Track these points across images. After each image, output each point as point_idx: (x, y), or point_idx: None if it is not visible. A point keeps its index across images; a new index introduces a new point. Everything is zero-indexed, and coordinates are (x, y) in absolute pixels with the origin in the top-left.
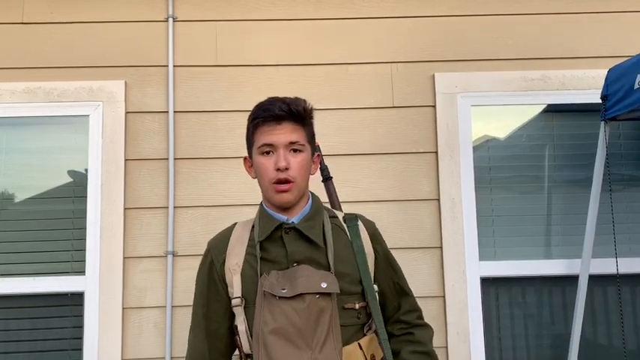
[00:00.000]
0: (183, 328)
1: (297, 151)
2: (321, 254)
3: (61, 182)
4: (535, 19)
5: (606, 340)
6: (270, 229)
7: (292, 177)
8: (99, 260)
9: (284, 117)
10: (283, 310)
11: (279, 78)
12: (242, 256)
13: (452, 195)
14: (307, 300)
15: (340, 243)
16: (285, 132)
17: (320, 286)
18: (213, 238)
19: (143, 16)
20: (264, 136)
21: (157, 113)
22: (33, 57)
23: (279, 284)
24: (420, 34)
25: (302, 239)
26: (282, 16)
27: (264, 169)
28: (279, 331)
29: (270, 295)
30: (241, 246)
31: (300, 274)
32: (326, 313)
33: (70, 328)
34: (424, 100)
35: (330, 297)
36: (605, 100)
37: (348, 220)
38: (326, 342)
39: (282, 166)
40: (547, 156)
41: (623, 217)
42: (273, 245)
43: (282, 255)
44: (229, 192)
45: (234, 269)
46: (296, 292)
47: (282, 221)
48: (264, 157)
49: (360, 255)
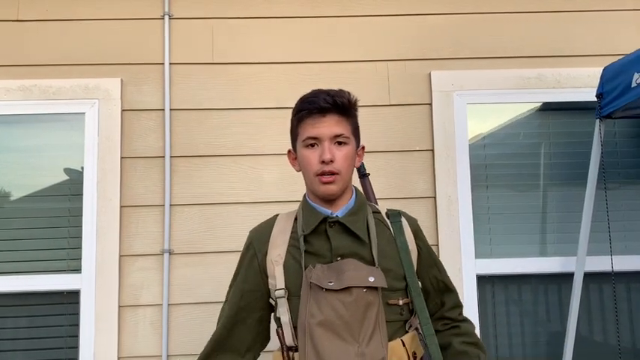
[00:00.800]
0: (180, 326)
1: (341, 143)
2: (365, 249)
3: (57, 180)
4: (531, 18)
5: (601, 337)
6: (314, 222)
7: (337, 169)
8: (95, 258)
9: (328, 109)
10: (330, 303)
11: (276, 76)
12: (284, 248)
13: (448, 193)
14: (355, 293)
15: (384, 239)
16: (329, 124)
17: (367, 279)
18: (254, 228)
19: (139, 13)
20: (308, 129)
21: (153, 111)
22: (28, 55)
23: (325, 277)
24: (416, 32)
25: (346, 233)
26: (279, 13)
27: (309, 162)
28: (326, 324)
29: (317, 287)
30: (284, 238)
31: (348, 268)
32: (373, 308)
33: (65, 326)
34: (420, 99)
35: (377, 291)
36: (601, 98)
37: (392, 216)
38: (373, 336)
39: (327, 158)
40: (543, 154)
41: (618, 215)
42: (316, 238)
43: (326, 248)
44: (225, 190)
45: (276, 261)
46: (344, 285)
47: (327, 215)
48: (309, 149)
49: (403, 251)
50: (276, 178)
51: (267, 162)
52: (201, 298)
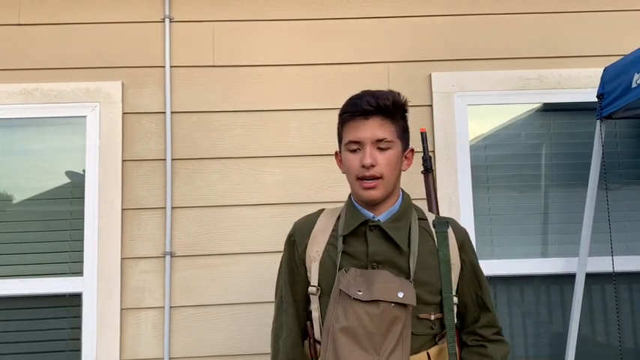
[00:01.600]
0: (182, 328)
1: (384, 148)
2: (402, 258)
3: (59, 183)
4: (531, 19)
5: (603, 338)
6: (354, 224)
7: (379, 173)
8: (97, 261)
9: (371, 112)
10: (356, 312)
11: (276, 78)
12: (323, 245)
13: (449, 194)
14: (382, 307)
15: (425, 249)
16: (372, 128)
17: (397, 295)
18: (298, 221)
19: (140, 16)
20: (351, 132)
21: (154, 114)
22: (30, 58)
23: (355, 284)
24: (416, 33)
25: (385, 239)
26: (279, 16)
27: (351, 165)
28: (350, 331)
29: (345, 294)
30: (324, 234)
31: (379, 279)
32: (399, 323)
33: (68, 329)
34: (421, 100)
35: (407, 307)
36: (601, 98)
37: (438, 225)
38: (395, 350)
39: (368, 163)
40: (544, 155)
41: (619, 216)
42: (355, 240)
43: (362, 252)
44: (227, 192)
45: (314, 256)
46: (372, 298)
47: (368, 218)
48: (351, 153)
49: (444, 264)
50: (277, 180)
51: (268, 164)
52: (202, 301)
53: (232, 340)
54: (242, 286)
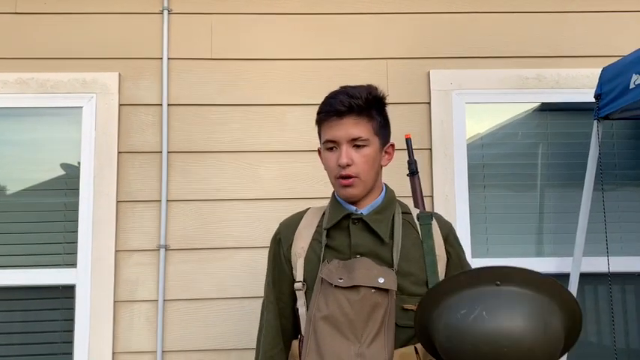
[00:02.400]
0: (175, 321)
1: (360, 146)
2: (385, 249)
3: (53, 174)
4: (531, 18)
5: (597, 339)
6: (337, 217)
7: (355, 173)
8: (90, 253)
9: (345, 112)
10: (337, 299)
11: (274, 72)
12: (308, 241)
13: (445, 192)
14: (362, 292)
15: (409, 241)
16: (346, 127)
17: (377, 280)
18: (284, 220)
19: (138, 8)
20: (327, 132)
21: (151, 106)
22: (26, 48)
23: (337, 273)
24: (415, 30)
25: (368, 232)
26: (278, 10)
27: (329, 165)
28: (330, 319)
29: (327, 283)
30: (309, 231)
31: (360, 266)
32: (380, 309)
33: (61, 320)
34: (419, 97)
35: (388, 294)
36: (599, 98)
37: (422, 218)
38: (376, 338)
39: (344, 162)
40: (540, 154)
41: (614, 216)
42: (339, 234)
43: (345, 245)
44: (223, 186)
45: (299, 253)
46: (352, 283)
47: (351, 211)
48: (329, 152)
49: (429, 256)
50: (274, 174)
51: (265, 158)
52: (196, 295)
53: (226, 334)
54: (237, 281)
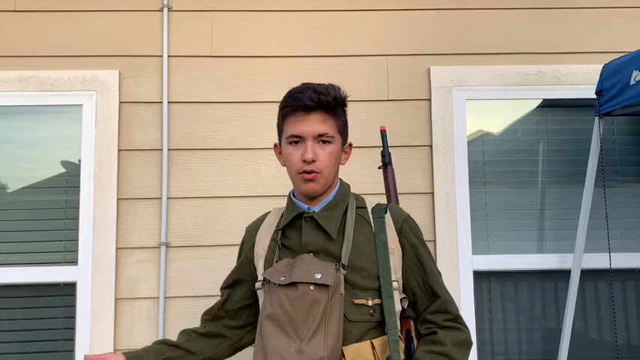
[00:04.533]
0: (176, 319)
1: (325, 142)
2: (335, 245)
3: (54, 172)
4: (531, 14)
5: (598, 335)
6: (290, 217)
7: (319, 169)
8: (91, 251)
9: (313, 108)
10: (279, 297)
11: (275, 69)
12: (268, 241)
13: (446, 189)
14: (300, 289)
15: (361, 235)
16: (313, 123)
17: (314, 276)
18: (250, 223)
19: (138, 5)
20: (292, 126)
21: (151, 103)
22: (26, 45)
23: (281, 272)
24: (416, 27)
25: (319, 229)
26: (279, 7)
27: (292, 160)
28: (273, 317)
29: (272, 282)
30: (269, 231)
31: (300, 264)
32: (318, 305)
33: (62, 318)
34: (419, 94)
35: (327, 289)
36: (600, 95)
37: (376, 212)
38: (315, 334)
39: (309, 158)
40: (541, 151)
41: (615, 213)
42: (293, 233)
43: (298, 243)
44: (223, 184)
45: (260, 254)
46: (290, 281)
47: (303, 210)
48: (292, 146)
49: (381, 250)
50: (273, 172)
51: (265, 156)
52: (197, 292)
53: None
54: None
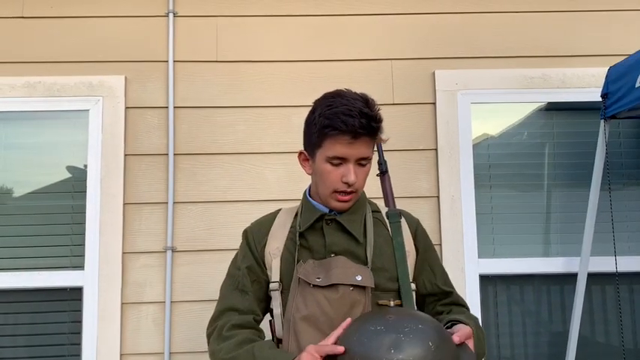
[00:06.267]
0: (182, 323)
1: (364, 164)
2: (359, 248)
3: (61, 177)
4: (536, 17)
5: (604, 338)
6: (312, 219)
7: (355, 188)
8: (98, 255)
9: (362, 134)
10: (316, 298)
11: (280, 74)
12: (283, 241)
13: (451, 192)
14: (341, 291)
15: (381, 238)
16: (360, 149)
17: (355, 278)
18: (253, 222)
19: (143, 11)
20: (336, 148)
21: (157, 109)
22: (33, 51)
23: (314, 272)
24: (420, 31)
25: (342, 231)
26: (283, 12)
27: (330, 178)
28: (310, 319)
29: (305, 283)
30: (283, 231)
31: (336, 265)
32: (358, 306)
33: (68, 322)
34: (424, 98)
35: (365, 291)
36: (605, 98)
37: (391, 216)
38: None
39: (352, 181)
40: (547, 154)
41: (622, 216)
42: (313, 235)
43: (320, 244)
44: (229, 188)
45: (274, 253)
46: (330, 282)
47: (324, 212)
48: (332, 166)
49: (399, 252)
50: (279, 176)
51: (270, 160)
52: (203, 296)
53: None
54: None
